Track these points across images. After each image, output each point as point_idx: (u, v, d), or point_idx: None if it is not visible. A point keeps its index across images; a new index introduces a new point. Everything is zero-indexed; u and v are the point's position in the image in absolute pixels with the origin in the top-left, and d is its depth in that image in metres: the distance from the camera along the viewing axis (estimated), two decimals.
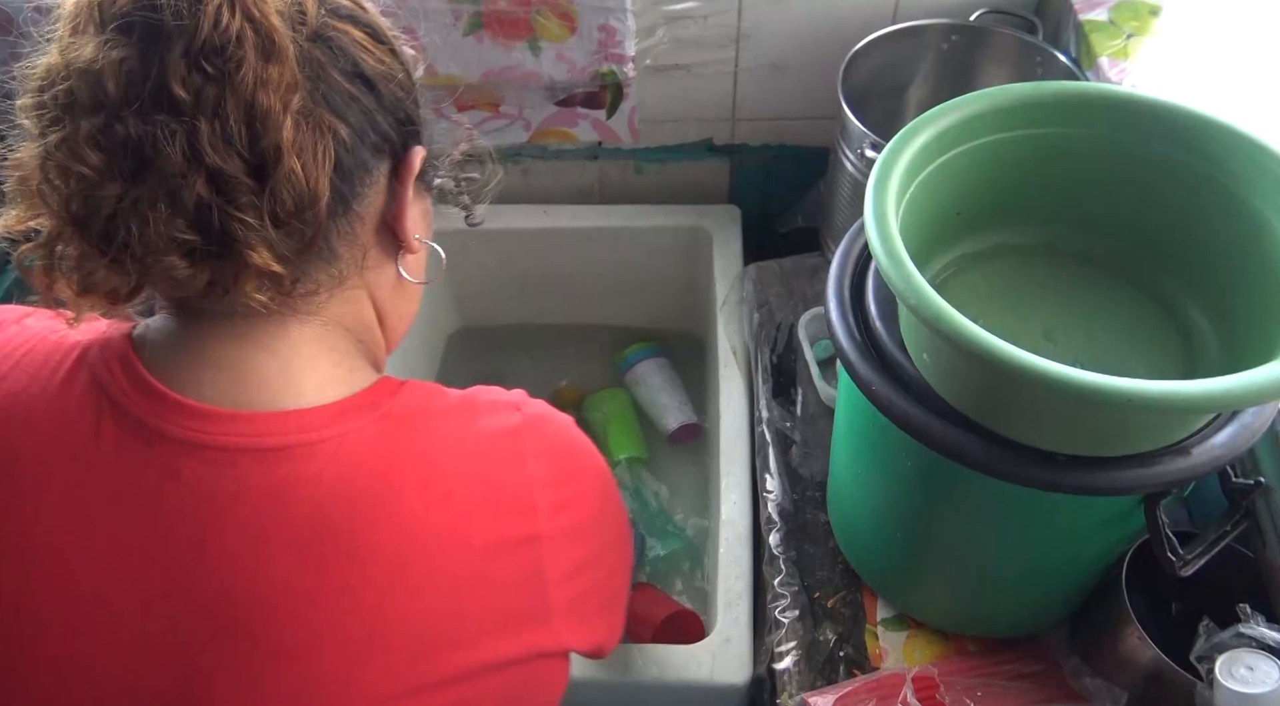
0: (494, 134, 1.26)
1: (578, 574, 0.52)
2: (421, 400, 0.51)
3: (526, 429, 0.52)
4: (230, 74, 0.43)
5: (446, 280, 1.36)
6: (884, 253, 0.59)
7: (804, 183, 1.28)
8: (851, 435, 0.77)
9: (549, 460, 0.52)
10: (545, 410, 0.56)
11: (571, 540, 0.52)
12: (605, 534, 0.56)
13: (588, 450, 0.57)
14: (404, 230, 0.53)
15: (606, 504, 0.57)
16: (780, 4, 1.12)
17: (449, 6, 1.09)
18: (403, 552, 0.47)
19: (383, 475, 0.48)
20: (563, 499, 0.52)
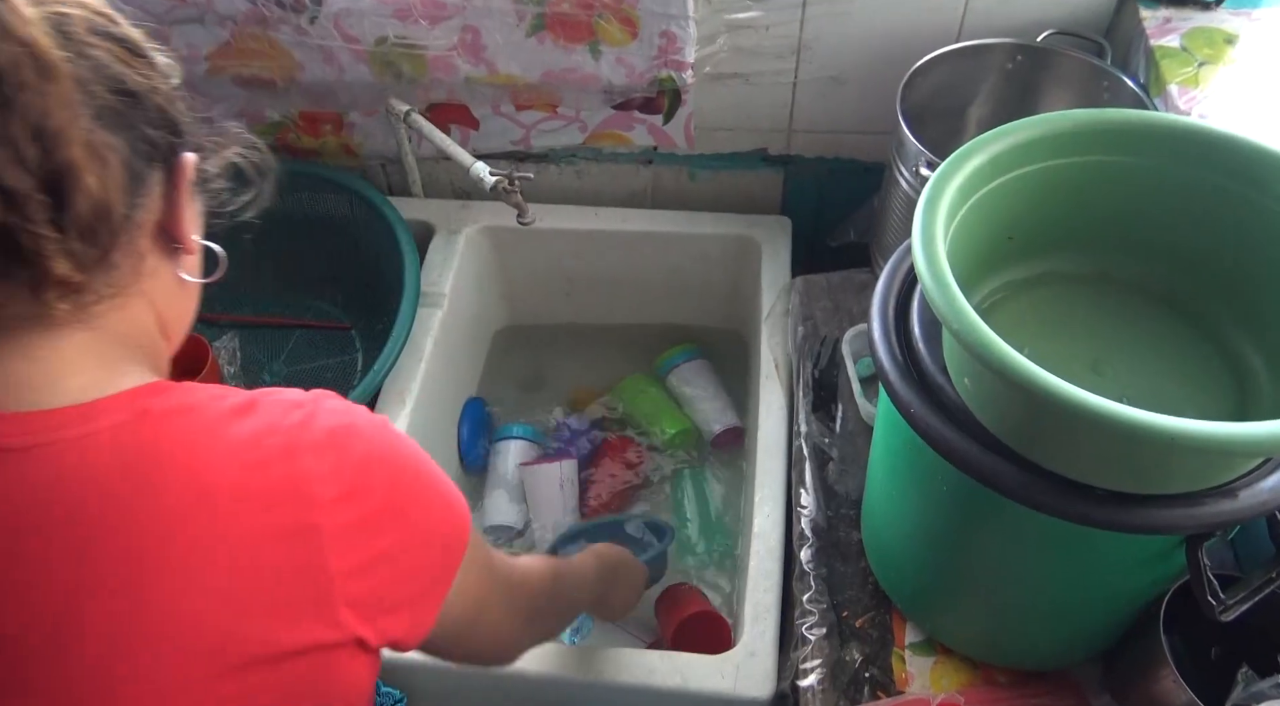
0: (550, 134, 1.28)
1: (371, 568, 0.51)
2: (191, 400, 0.51)
3: (306, 424, 0.51)
4: (11, 99, 0.44)
5: (496, 277, 1.37)
6: (929, 275, 0.58)
7: (857, 197, 1.27)
8: (889, 455, 0.76)
9: (330, 454, 0.51)
10: (337, 408, 0.54)
11: (361, 533, 0.51)
12: (409, 528, 0.53)
13: (386, 445, 0.54)
14: (182, 234, 0.54)
15: (411, 498, 0.54)
16: (843, 17, 1.11)
17: (513, 7, 1.11)
18: (162, 547, 0.47)
19: (139, 471, 0.47)
20: (347, 491, 0.50)
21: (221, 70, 1.20)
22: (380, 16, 1.12)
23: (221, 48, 1.17)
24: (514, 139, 1.29)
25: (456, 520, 0.58)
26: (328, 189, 1.28)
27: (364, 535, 0.51)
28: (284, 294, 1.34)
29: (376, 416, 0.56)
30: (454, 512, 0.58)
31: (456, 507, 0.58)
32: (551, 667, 0.90)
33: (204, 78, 1.21)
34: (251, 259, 1.29)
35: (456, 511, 0.58)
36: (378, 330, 1.29)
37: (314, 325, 1.32)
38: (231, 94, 1.23)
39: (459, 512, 0.58)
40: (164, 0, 1.12)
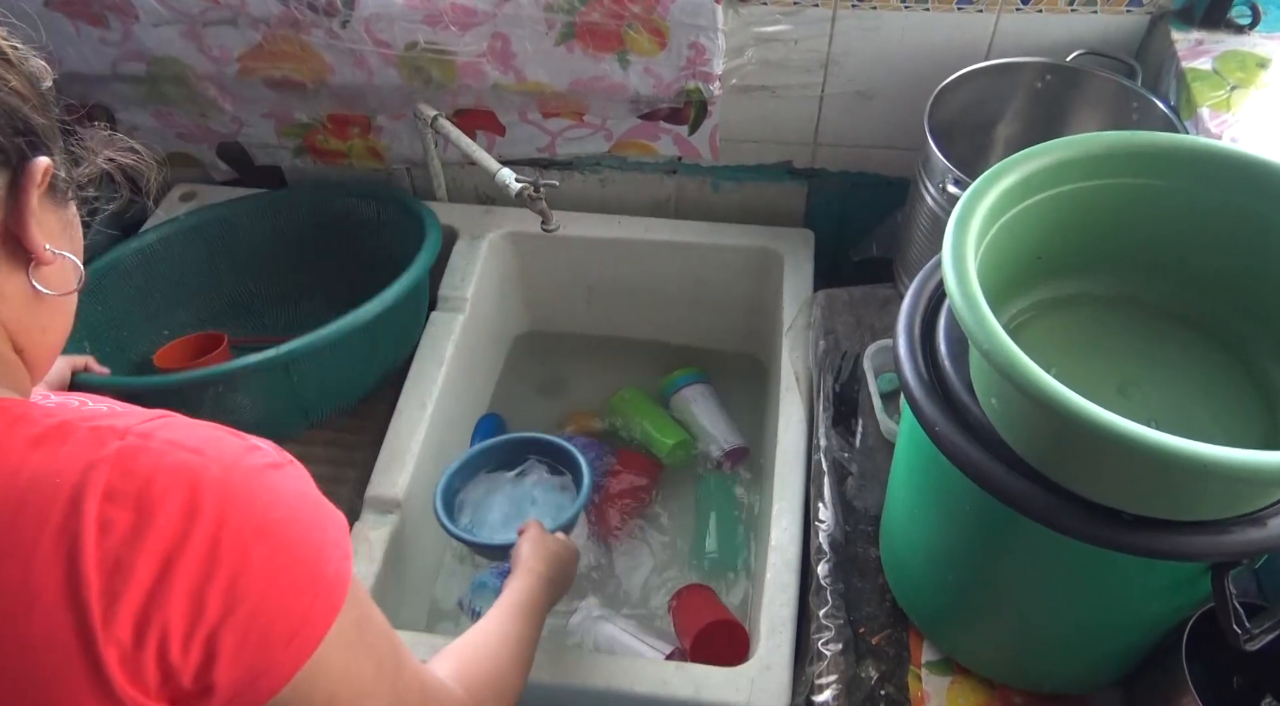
0: (576, 142, 1.28)
1: (163, 637, 0.44)
2: None
3: (116, 457, 0.45)
4: None
5: (517, 283, 1.38)
6: (959, 293, 0.58)
7: (881, 212, 1.27)
8: (911, 472, 0.76)
9: (129, 485, 0.45)
10: (164, 437, 0.47)
11: (147, 578, 0.44)
12: (221, 567, 0.46)
13: (205, 472, 0.47)
14: (30, 241, 0.50)
15: (232, 539, 0.47)
16: (872, 32, 1.11)
17: (544, 15, 1.11)
18: None
19: None
20: (137, 526, 0.44)
21: (252, 72, 1.21)
22: (411, 22, 1.13)
23: (253, 49, 1.18)
24: (539, 146, 1.29)
25: (322, 583, 0.50)
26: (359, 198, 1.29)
27: (165, 596, 0.44)
28: (304, 310, 1.33)
29: (231, 452, 0.49)
30: (321, 575, 0.50)
31: (324, 576, 0.50)
32: (564, 676, 0.90)
33: (234, 79, 1.22)
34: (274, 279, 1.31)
35: (325, 577, 0.50)
36: None
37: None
38: (261, 96, 1.24)
39: (329, 577, 0.50)
40: (198, 2, 1.13)
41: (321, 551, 0.50)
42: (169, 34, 1.17)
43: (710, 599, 1.07)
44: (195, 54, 1.19)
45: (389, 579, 1.00)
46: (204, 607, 0.45)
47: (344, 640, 0.51)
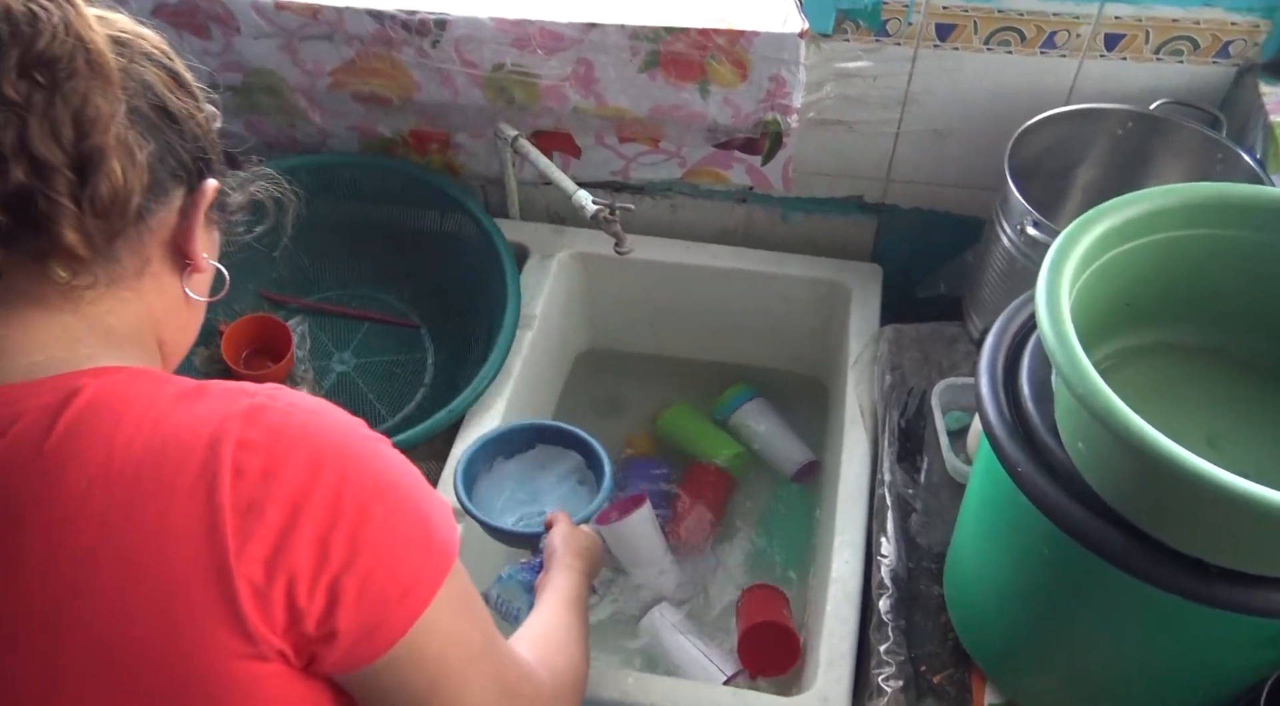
0: (650, 167, 1.30)
1: (293, 574, 0.48)
2: (133, 387, 0.51)
3: (248, 413, 0.49)
4: (60, 83, 0.48)
5: (582, 302, 1.40)
6: (1054, 337, 0.58)
7: (950, 250, 1.28)
8: (985, 511, 0.76)
9: (264, 445, 0.49)
10: (295, 402, 0.52)
11: (291, 537, 0.48)
12: (357, 540, 0.49)
13: (344, 448, 0.51)
14: (192, 250, 0.57)
15: (362, 509, 0.50)
16: (953, 72, 1.12)
17: (629, 43, 1.14)
18: (53, 537, 0.46)
19: (51, 454, 0.47)
20: (268, 471, 0.48)
21: (342, 86, 1.25)
22: (500, 44, 1.16)
23: (345, 65, 1.22)
24: (614, 169, 1.32)
25: (429, 552, 0.53)
26: (428, 197, 1.32)
27: (293, 540, 0.48)
28: (353, 285, 1.37)
29: (348, 422, 0.54)
30: (430, 545, 0.53)
31: (434, 539, 0.53)
32: (618, 694, 0.90)
33: (325, 92, 1.26)
34: (329, 248, 1.35)
35: (435, 540, 0.53)
36: (448, 331, 1.33)
37: (383, 319, 1.35)
38: (349, 109, 1.28)
39: (440, 540, 0.53)
40: (297, 17, 1.17)
41: (430, 517, 0.54)
42: (267, 47, 1.21)
43: (775, 601, 1.09)
44: (290, 67, 1.23)
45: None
46: (328, 554, 0.49)
47: (452, 605, 0.54)
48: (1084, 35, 1.06)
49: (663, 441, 1.35)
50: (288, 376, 1.26)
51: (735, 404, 1.35)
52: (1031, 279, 0.98)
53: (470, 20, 1.15)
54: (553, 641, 0.72)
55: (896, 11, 1.08)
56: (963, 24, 1.08)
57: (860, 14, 1.09)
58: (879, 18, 1.09)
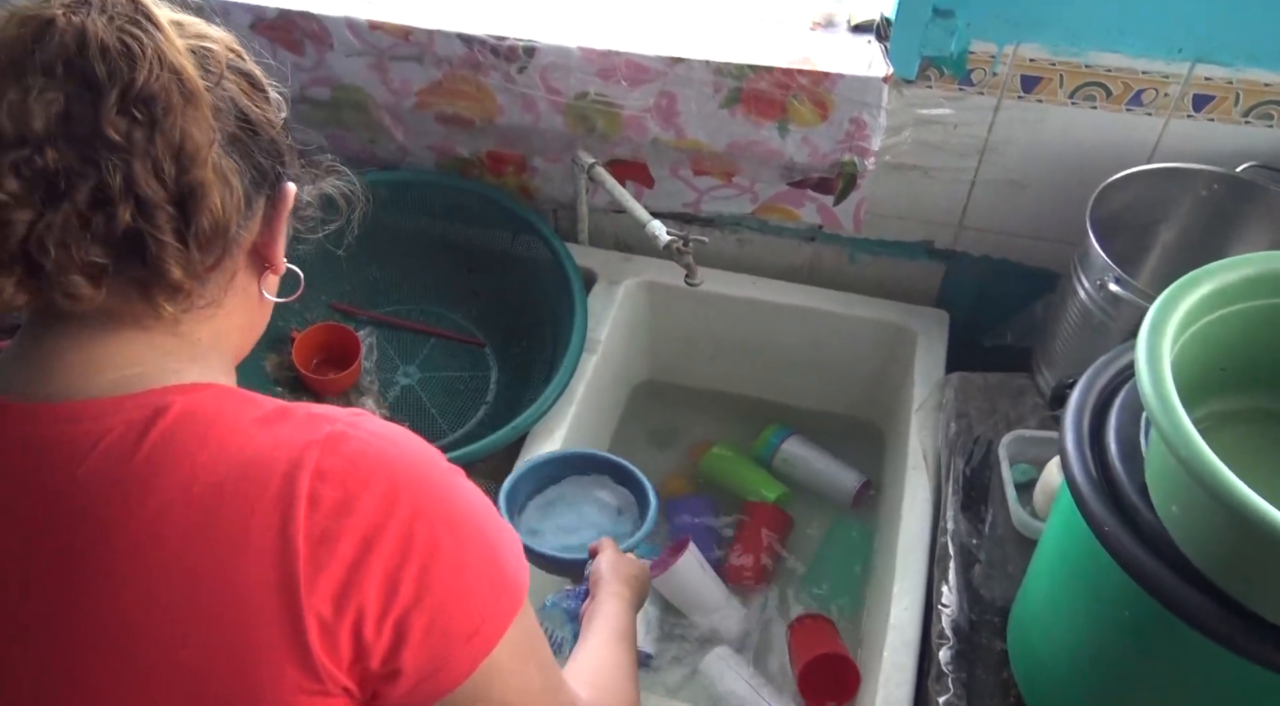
0: (721, 201, 1.31)
1: (363, 610, 0.47)
2: (220, 406, 0.51)
3: (327, 440, 0.49)
4: (159, 119, 0.48)
5: (645, 331, 1.40)
6: (1157, 399, 0.58)
7: (1018, 300, 1.27)
8: (1061, 568, 0.75)
9: (338, 465, 0.48)
10: (376, 430, 0.52)
11: (360, 572, 0.47)
12: (429, 574, 0.49)
13: (424, 480, 0.51)
14: (276, 255, 0.57)
15: (435, 543, 0.50)
16: (1035, 124, 1.12)
17: (713, 78, 1.15)
18: (139, 550, 0.47)
19: (134, 473, 0.47)
20: (343, 504, 0.48)
21: (427, 107, 1.27)
22: (585, 73, 1.18)
23: (432, 86, 1.25)
24: (685, 201, 1.33)
25: (500, 591, 0.52)
26: (500, 218, 1.34)
27: (363, 575, 0.47)
28: (421, 300, 1.40)
29: (426, 452, 0.53)
30: (500, 584, 0.52)
31: (505, 577, 0.53)
32: None
33: (409, 112, 1.29)
34: (400, 262, 1.38)
35: (505, 578, 0.53)
36: (512, 351, 1.34)
37: (449, 336, 1.37)
38: (431, 129, 1.31)
39: (510, 579, 0.53)
40: (389, 37, 1.20)
41: (501, 554, 0.53)
42: (357, 64, 1.24)
43: (828, 630, 1.10)
44: (378, 85, 1.26)
45: None
46: (397, 590, 0.48)
47: (517, 646, 0.53)
48: (1172, 94, 1.05)
49: (706, 480, 1.36)
50: (353, 385, 1.28)
51: (775, 442, 1.36)
52: (1109, 335, 0.99)
53: (558, 49, 1.17)
54: (606, 679, 0.71)
55: (982, 61, 1.09)
56: (1049, 77, 1.08)
57: (945, 62, 1.10)
58: (964, 67, 1.10)
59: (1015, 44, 1.06)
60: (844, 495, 1.30)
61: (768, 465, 1.36)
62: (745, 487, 1.33)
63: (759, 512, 1.28)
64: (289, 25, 1.22)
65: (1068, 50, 1.05)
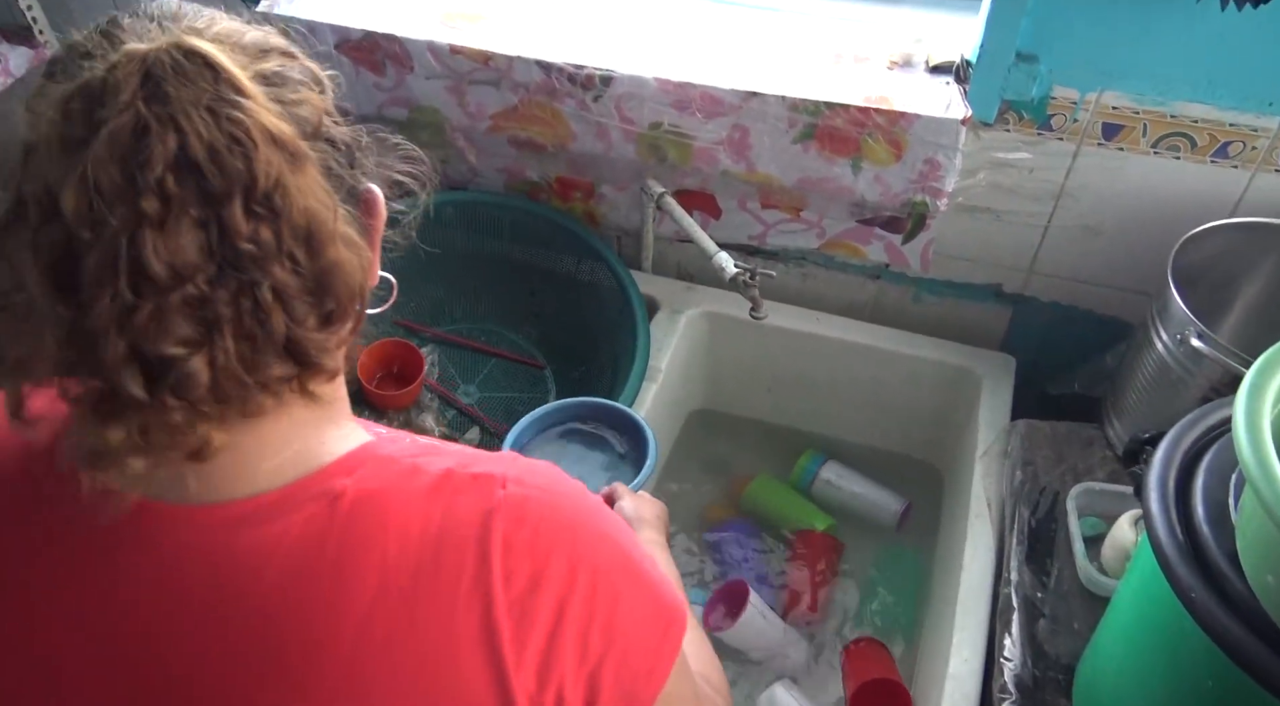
0: (788, 235, 1.31)
1: (560, 674, 0.47)
2: (385, 480, 0.48)
3: (506, 508, 0.48)
4: (281, 210, 0.42)
5: (704, 361, 1.40)
6: (1257, 466, 0.56)
7: (1086, 348, 1.25)
8: (1138, 632, 0.73)
9: (524, 536, 0.47)
10: (542, 488, 0.50)
11: (546, 627, 0.47)
12: (600, 610, 0.49)
13: (596, 534, 0.51)
14: (375, 273, 0.52)
15: (615, 600, 0.50)
16: (1114, 171, 1.11)
17: (787, 114, 1.15)
18: (348, 660, 0.45)
19: (329, 572, 0.45)
20: (534, 578, 0.47)
21: (501, 130, 1.29)
22: (660, 104, 1.19)
23: (507, 110, 1.26)
24: (752, 234, 1.33)
25: (667, 622, 0.53)
26: (566, 243, 1.35)
27: (560, 642, 0.47)
28: (483, 320, 1.41)
29: (582, 494, 0.52)
30: (667, 615, 0.53)
31: (667, 609, 0.53)
32: None
33: (483, 134, 1.30)
34: (464, 282, 1.39)
35: (667, 609, 0.53)
36: (571, 375, 1.35)
37: (510, 357, 1.38)
38: (503, 152, 1.33)
39: (672, 616, 0.53)
40: (469, 62, 1.22)
41: (661, 587, 0.54)
42: (436, 87, 1.26)
43: (882, 656, 1.10)
44: (454, 107, 1.28)
45: None
46: (588, 648, 0.48)
47: (681, 667, 0.54)
48: (1260, 148, 1.03)
49: (750, 512, 1.35)
50: (414, 402, 1.29)
51: (814, 469, 1.36)
52: (1187, 391, 0.97)
53: (635, 79, 1.18)
54: (701, 654, 0.70)
55: (1063, 107, 1.08)
56: (1131, 125, 1.07)
57: (1025, 106, 1.09)
58: (1044, 112, 1.09)
59: (1099, 91, 1.05)
60: (888, 518, 1.32)
61: (807, 492, 1.36)
62: (791, 518, 1.32)
63: (811, 542, 1.27)
64: (373, 46, 1.24)
65: (1153, 99, 1.03)
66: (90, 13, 1.46)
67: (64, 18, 1.44)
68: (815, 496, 1.36)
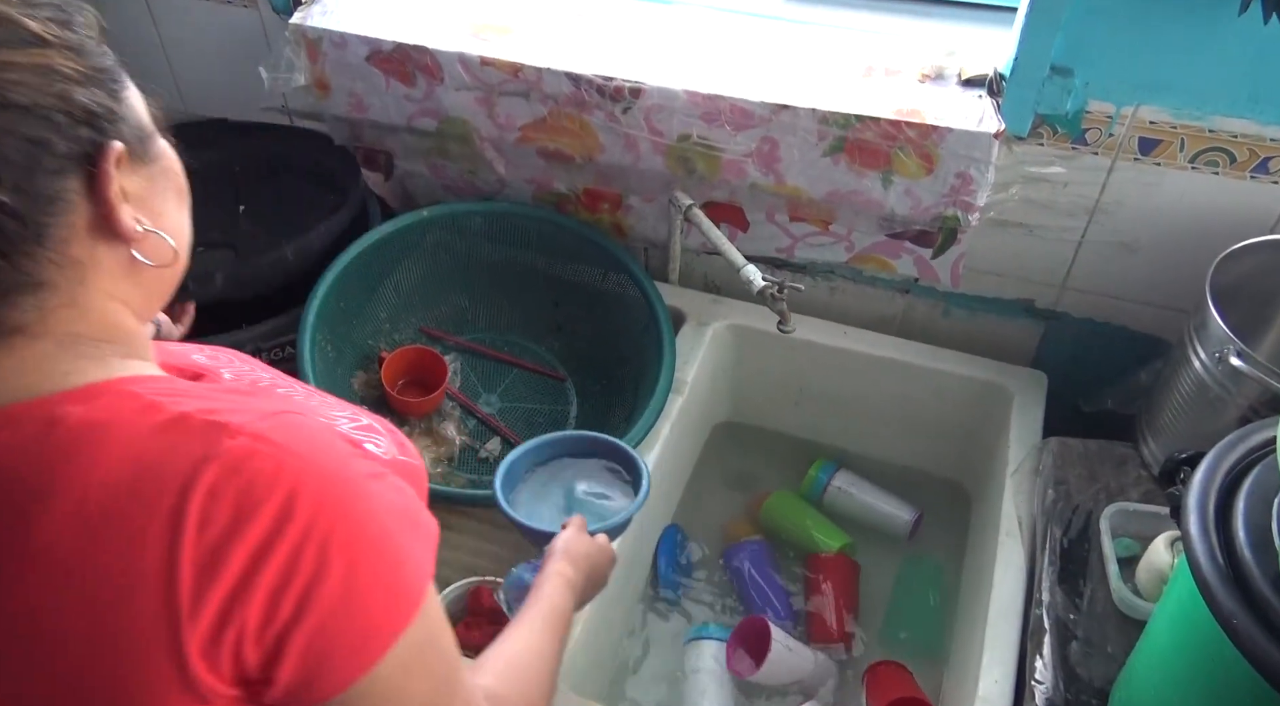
0: (816, 249, 1.30)
1: (237, 618, 0.47)
2: (115, 413, 0.49)
3: (224, 456, 0.47)
4: None
5: (729, 373, 1.39)
6: None
7: (1120, 366, 1.23)
8: (1177, 658, 0.72)
9: (233, 485, 0.47)
10: (272, 440, 0.49)
11: (232, 578, 0.46)
12: (300, 575, 0.48)
13: (305, 479, 0.49)
14: (120, 227, 0.51)
15: (321, 551, 0.48)
16: (1151, 187, 1.09)
17: (817, 127, 1.14)
18: (30, 562, 0.46)
19: (24, 490, 0.47)
20: (232, 526, 0.46)
21: (529, 141, 1.29)
22: (689, 116, 1.19)
23: (536, 122, 1.26)
24: (779, 246, 1.32)
25: (392, 609, 0.51)
26: (592, 254, 1.35)
27: (247, 595, 0.47)
28: (506, 330, 1.41)
29: (337, 462, 0.51)
30: (396, 602, 0.51)
31: (396, 595, 0.51)
32: None
33: (512, 145, 1.31)
34: (489, 292, 1.40)
35: (397, 596, 0.51)
36: (593, 388, 1.35)
37: (532, 368, 1.38)
38: (532, 163, 1.33)
39: (401, 605, 0.51)
40: (499, 73, 1.22)
41: (401, 569, 0.52)
42: (466, 98, 1.27)
43: (905, 678, 1.10)
44: (483, 118, 1.28)
45: (585, 641, 1.01)
46: (278, 609, 0.47)
47: (403, 659, 0.52)
48: None
49: (767, 529, 1.34)
50: (436, 409, 1.29)
51: (824, 479, 1.36)
52: (1226, 410, 0.95)
53: (664, 91, 1.18)
54: (517, 669, 0.68)
55: (1099, 121, 1.06)
56: (1169, 140, 1.05)
57: (1060, 120, 1.08)
58: (1079, 126, 1.07)
59: (1135, 106, 1.04)
60: (900, 528, 1.32)
61: (818, 503, 1.36)
62: (808, 536, 1.31)
63: (829, 568, 1.25)
64: (403, 58, 1.25)
65: (1192, 114, 1.02)
66: (125, 21, 1.48)
67: None
68: (827, 507, 1.35)
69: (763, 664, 1.10)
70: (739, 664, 1.14)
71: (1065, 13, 0.98)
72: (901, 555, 1.31)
